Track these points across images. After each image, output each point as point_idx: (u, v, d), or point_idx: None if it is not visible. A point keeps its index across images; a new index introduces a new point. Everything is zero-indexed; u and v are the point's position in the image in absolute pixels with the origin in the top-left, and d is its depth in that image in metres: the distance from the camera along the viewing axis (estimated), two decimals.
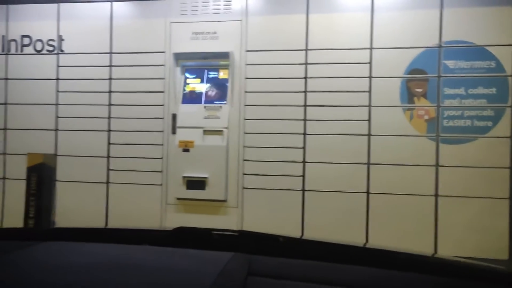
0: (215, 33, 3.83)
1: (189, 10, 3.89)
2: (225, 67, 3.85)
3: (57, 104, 4.07)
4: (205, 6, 3.86)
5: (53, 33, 4.10)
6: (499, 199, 3.39)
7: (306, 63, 3.68)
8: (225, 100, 3.82)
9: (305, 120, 3.68)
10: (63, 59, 4.08)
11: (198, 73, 3.94)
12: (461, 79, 3.49)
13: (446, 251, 3.42)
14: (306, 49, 3.69)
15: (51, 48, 4.10)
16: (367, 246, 1.77)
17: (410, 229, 3.48)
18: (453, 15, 3.50)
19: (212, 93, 3.88)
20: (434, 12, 3.52)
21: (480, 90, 3.46)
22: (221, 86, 3.88)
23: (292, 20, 3.73)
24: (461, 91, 3.49)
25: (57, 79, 4.08)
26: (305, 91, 3.68)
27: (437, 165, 3.49)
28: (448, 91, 3.50)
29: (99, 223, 3.91)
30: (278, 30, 3.74)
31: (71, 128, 4.04)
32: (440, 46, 3.52)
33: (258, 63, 3.76)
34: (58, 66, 4.08)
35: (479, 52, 3.47)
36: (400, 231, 3.48)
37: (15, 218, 3.74)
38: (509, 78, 3.42)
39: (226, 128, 3.77)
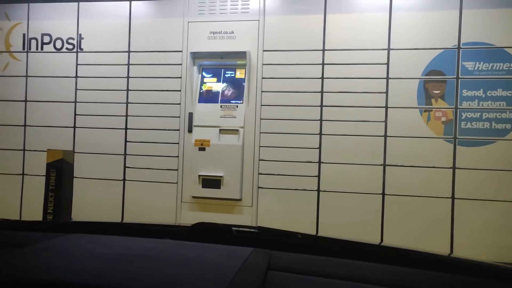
0: (232, 32, 3.85)
1: (207, 9, 3.91)
2: (242, 66, 3.87)
3: (75, 102, 4.13)
4: (223, 6, 3.89)
5: (73, 32, 4.16)
6: None
7: (323, 63, 3.68)
8: (242, 100, 3.84)
9: (321, 120, 3.67)
10: (82, 57, 4.14)
11: (215, 72, 3.97)
12: (479, 81, 3.45)
13: (462, 253, 3.38)
14: (323, 49, 3.69)
15: (70, 47, 4.16)
16: (383, 244, 1.77)
17: (426, 231, 3.46)
18: (472, 16, 3.47)
19: (229, 92, 3.90)
20: (453, 13, 3.49)
21: (499, 92, 3.42)
22: (237, 86, 3.90)
23: (309, 20, 3.73)
24: (479, 93, 3.45)
25: (76, 77, 4.13)
26: (322, 92, 3.68)
27: (454, 167, 3.46)
28: (466, 93, 3.47)
29: (115, 220, 3.95)
30: (295, 30, 3.75)
31: (89, 125, 4.09)
32: (458, 48, 3.49)
33: (275, 63, 3.77)
34: (77, 64, 4.14)
35: (498, 53, 3.43)
36: (415, 233, 3.46)
37: (33, 213, 3.82)
38: None
39: (242, 127, 3.78)
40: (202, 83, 3.97)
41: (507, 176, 3.37)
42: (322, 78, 3.68)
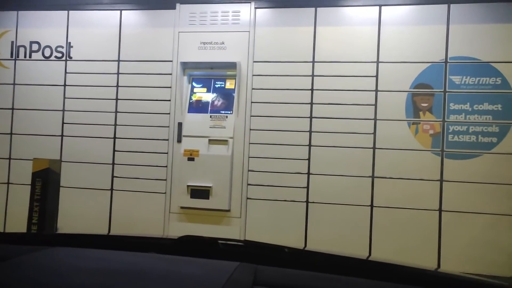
0: (222, 43, 3.86)
1: (197, 20, 3.92)
2: (232, 77, 3.87)
3: (63, 110, 4.09)
4: (214, 17, 3.90)
5: (62, 40, 4.14)
6: (503, 215, 3.38)
7: (312, 75, 3.70)
8: (231, 110, 3.84)
9: (310, 132, 3.69)
10: (71, 66, 4.11)
11: (205, 83, 3.97)
12: (466, 95, 3.50)
13: (449, 266, 3.41)
14: (313, 61, 3.71)
15: (59, 55, 4.13)
16: (370, 259, 1.77)
17: (413, 243, 3.47)
18: (459, 31, 3.53)
19: (218, 102, 3.90)
20: (441, 28, 3.55)
21: (486, 106, 3.47)
22: (227, 96, 3.90)
23: (299, 32, 3.76)
24: (466, 106, 3.50)
25: (65, 85, 4.10)
26: (311, 103, 3.69)
27: (441, 180, 3.49)
28: (454, 106, 3.52)
29: (102, 230, 3.91)
30: (285, 41, 3.77)
31: (76, 134, 4.05)
32: (446, 62, 3.54)
33: (265, 74, 3.78)
34: (66, 72, 4.11)
35: (485, 68, 3.49)
36: (403, 246, 3.47)
37: (18, 223, 3.75)
38: None
39: (231, 138, 3.78)
40: (192, 93, 3.96)
41: (493, 189, 3.40)
42: (312, 89, 3.70)
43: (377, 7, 3.64)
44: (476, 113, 3.48)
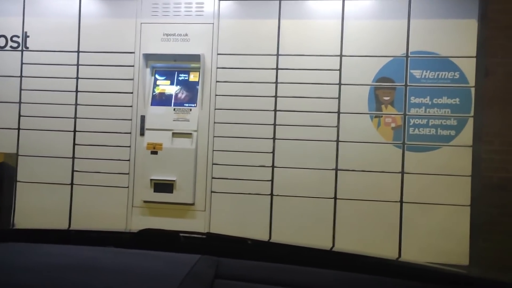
0: (186, 35, 3.81)
1: (160, 11, 3.85)
2: (196, 69, 3.83)
3: (20, 103, 3.94)
4: (177, 8, 3.83)
5: (18, 29, 3.98)
6: (460, 206, 3.49)
7: (277, 68, 3.70)
8: (195, 103, 3.79)
9: (274, 125, 3.69)
10: (28, 56, 3.96)
11: (168, 75, 3.90)
12: (426, 89, 3.58)
13: (410, 256, 3.49)
14: (277, 54, 3.71)
15: (15, 45, 3.97)
16: (334, 250, 1.79)
17: (376, 234, 3.54)
18: (420, 26, 3.59)
19: (182, 95, 3.85)
20: (402, 23, 3.61)
21: (445, 100, 3.56)
22: (191, 89, 3.85)
23: (264, 24, 3.74)
24: (426, 100, 3.58)
25: (21, 76, 3.95)
26: (275, 96, 3.69)
27: (402, 172, 3.57)
28: (414, 100, 3.59)
29: (62, 226, 3.80)
30: (249, 34, 3.75)
31: (34, 127, 3.91)
32: (407, 56, 3.60)
33: (229, 67, 3.75)
34: (22, 63, 3.96)
35: (444, 63, 3.57)
36: (365, 237, 3.53)
37: None
38: (472, 89, 3.53)
39: (195, 131, 3.74)
40: (155, 85, 3.89)
41: (451, 181, 3.50)
42: (276, 82, 3.70)
43: (341, 1, 3.67)
44: (435, 107, 3.57)
